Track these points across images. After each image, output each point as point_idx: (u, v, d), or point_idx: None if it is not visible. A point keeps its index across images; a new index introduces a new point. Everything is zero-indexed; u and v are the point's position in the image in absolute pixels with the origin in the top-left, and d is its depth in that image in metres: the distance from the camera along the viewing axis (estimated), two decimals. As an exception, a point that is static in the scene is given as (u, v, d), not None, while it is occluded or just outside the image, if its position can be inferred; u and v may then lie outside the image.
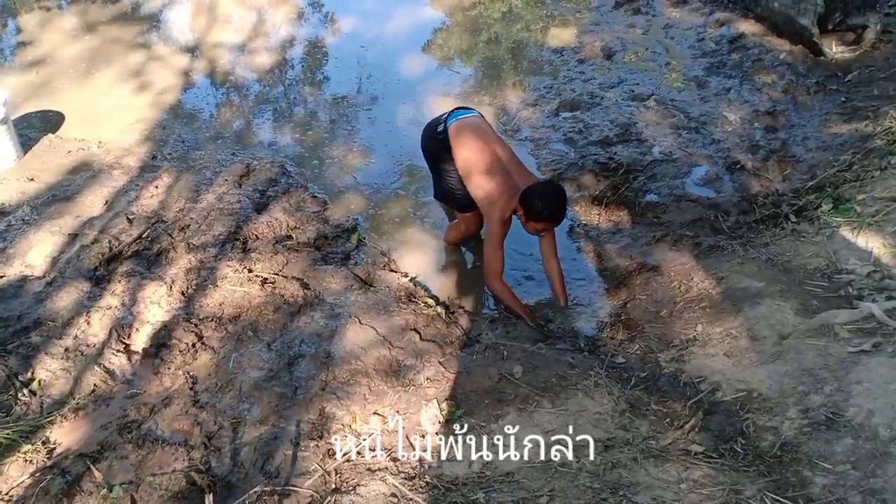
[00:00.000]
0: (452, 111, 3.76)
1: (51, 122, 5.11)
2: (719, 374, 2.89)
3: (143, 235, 3.87)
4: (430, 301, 3.53)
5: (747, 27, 5.78)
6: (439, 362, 3.05)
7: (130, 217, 4.03)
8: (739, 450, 2.46)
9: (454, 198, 3.82)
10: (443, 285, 3.80)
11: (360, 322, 3.29)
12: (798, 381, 2.73)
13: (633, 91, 5.24)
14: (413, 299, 3.51)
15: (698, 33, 5.91)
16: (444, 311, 3.45)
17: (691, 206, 4.05)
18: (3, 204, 4.17)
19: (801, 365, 2.79)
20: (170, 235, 3.89)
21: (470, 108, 3.86)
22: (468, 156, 3.57)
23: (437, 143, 3.72)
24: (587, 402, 2.76)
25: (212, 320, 3.29)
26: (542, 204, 3.33)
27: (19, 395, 2.86)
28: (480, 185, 3.53)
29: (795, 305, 3.09)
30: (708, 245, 3.71)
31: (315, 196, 4.43)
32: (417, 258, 3.98)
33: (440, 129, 3.70)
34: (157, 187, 4.37)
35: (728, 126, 4.76)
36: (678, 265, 3.62)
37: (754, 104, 4.93)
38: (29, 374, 2.95)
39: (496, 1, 6.87)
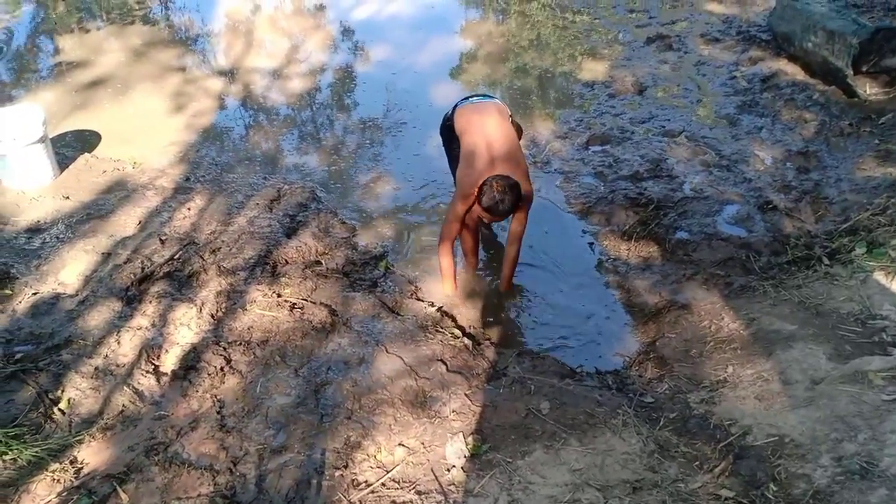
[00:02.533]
0: (467, 97, 3.94)
1: (87, 141, 5.21)
2: (750, 417, 2.85)
3: (175, 257, 3.92)
4: (457, 332, 3.53)
5: (780, 66, 5.78)
6: (465, 395, 3.04)
7: (163, 238, 4.08)
8: (771, 497, 2.42)
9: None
10: (469, 316, 3.79)
11: (386, 351, 3.29)
12: (831, 427, 2.68)
13: (663, 127, 5.24)
14: (440, 329, 3.51)
15: (730, 71, 5.90)
16: (470, 343, 3.44)
17: (722, 245, 4.02)
18: (38, 221, 4.24)
19: (834, 411, 2.75)
20: (201, 257, 3.92)
21: (488, 95, 4.04)
22: (463, 140, 3.70)
23: (444, 127, 3.97)
24: (615, 441, 2.73)
25: (240, 344, 3.31)
26: (485, 194, 3.41)
27: (49, 413, 2.88)
28: (461, 168, 3.65)
29: (828, 350, 3.05)
30: (739, 285, 3.67)
31: (344, 222, 4.46)
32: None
33: (448, 113, 3.94)
34: (189, 209, 4.42)
35: (760, 165, 4.73)
36: (708, 304, 3.59)
37: (786, 144, 4.91)
38: (59, 392, 2.97)
39: (526, 31, 6.92)
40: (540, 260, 4.18)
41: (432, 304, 3.74)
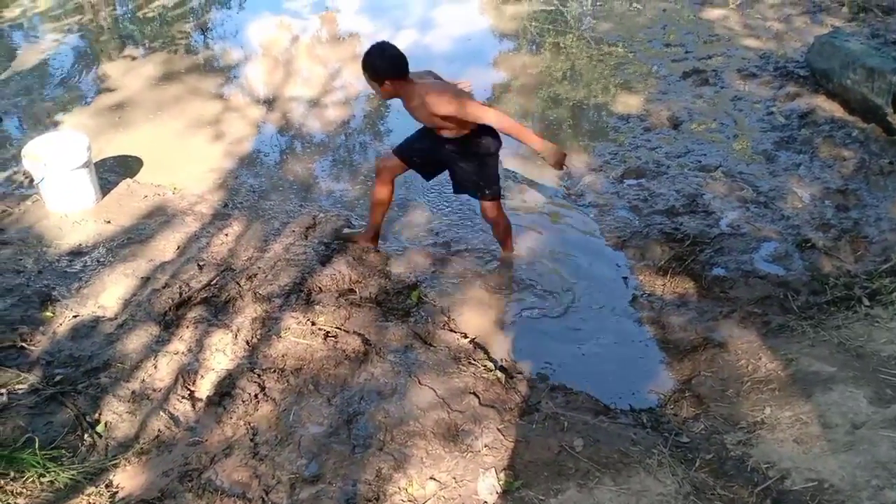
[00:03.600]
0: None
1: (130, 166, 5.32)
2: (788, 460, 2.80)
3: (212, 282, 3.97)
4: (490, 364, 3.52)
5: (818, 103, 5.74)
6: (498, 429, 3.02)
7: (201, 263, 4.14)
8: (810, 544, 2.37)
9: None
10: (502, 348, 3.78)
11: (419, 382, 3.29)
12: (872, 474, 2.63)
13: (699, 161, 5.22)
14: (472, 361, 3.50)
15: (767, 107, 5.88)
16: (503, 376, 3.43)
17: (760, 283, 3.98)
18: (80, 245, 4.32)
19: (875, 457, 2.69)
20: (237, 283, 3.97)
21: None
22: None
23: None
24: (650, 482, 2.70)
25: (274, 371, 3.33)
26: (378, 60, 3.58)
27: (85, 435, 2.92)
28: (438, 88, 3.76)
29: (869, 394, 3.00)
30: (777, 324, 3.63)
31: (378, 250, 4.48)
32: (477, 318, 3.97)
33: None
34: (227, 235, 4.49)
35: (798, 202, 4.69)
36: (745, 343, 3.55)
37: (825, 181, 4.86)
38: (96, 416, 3.02)
39: (561, 62, 6.96)
40: (573, 293, 4.16)
41: (465, 336, 3.74)
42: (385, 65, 3.62)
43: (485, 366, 3.47)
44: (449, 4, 8.74)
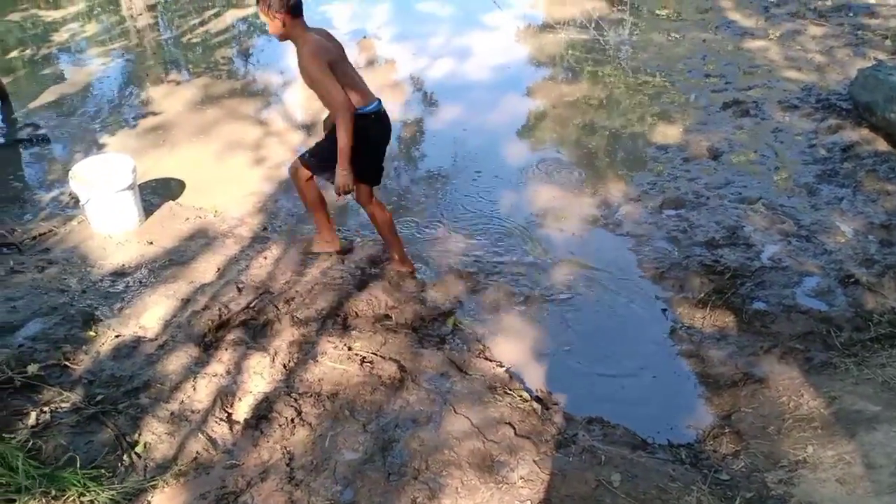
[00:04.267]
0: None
1: (172, 189, 5.42)
2: (831, 501, 2.74)
3: (251, 305, 4.01)
4: (525, 394, 3.49)
5: (861, 136, 5.67)
6: (534, 461, 3.00)
7: (240, 286, 4.18)
8: (856, 590, 2.31)
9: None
10: (538, 378, 3.75)
11: (454, 411, 3.28)
12: (919, 518, 2.56)
13: (740, 193, 5.18)
14: (508, 391, 3.48)
15: (809, 139, 5.82)
16: (539, 407, 3.40)
17: (802, 318, 3.91)
18: (123, 265, 4.40)
19: (923, 501, 2.62)
20: (275, 307, 4.00)
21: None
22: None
23: None
24: (690, 520, 2.65)
25: (310, 396, 3.35)
26: None
27: (125, 456, 2.95)
28: None
29: (916, 435, 2.92)
30: (819, 361, 3.56)
31: (415, 276, 4.50)
32: (513, 347, 3.96)
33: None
34: (265, 258, 4.54)
35: (840, 237, 4.61)
36: (787, 379, 3.48)
37: (868, 216, 4.78)
38: (136, 436, 3.04)
39: (597, 90, 6.97)
40: (611, 324, 4.14)
41: (501, 365, 3.73)
42: None
43: (521, 396, 3.45)
44: (486, 33, 8.82)
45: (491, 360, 3.75)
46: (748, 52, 7.61)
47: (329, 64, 3.78)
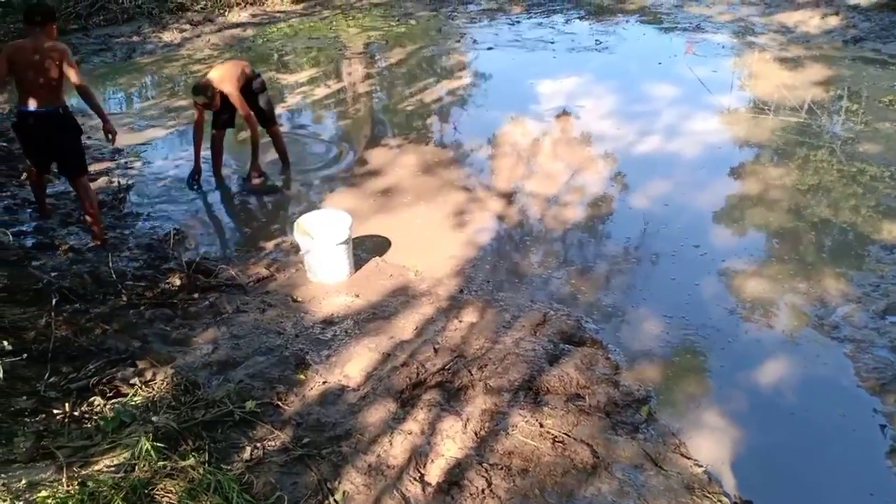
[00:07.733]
0: None
1: (379, 245, 5.73)
2: None
3: (446, 367, 4.10)
4: (726, 501, 3.28)
5: None
6: (734, 576, 2.79)
7: (436, 346, 4.30)
8: None
9: None
10: (739, 483, 3.51)
11: (649, 507, 3.14)
12: None
13: (980, 307, 4.65)
14: (707, 494, 3.29)
15: None
16: (740, 517, 3.18)
17: None
18: (332, 314, 4.68)
19: None
20: (469, 372, 4.07)
21: None
22: None
23: None
24: None
25: (501, 468, 3.34)
26: None
27: (326, 501, 3.08)
28: None
29: None
30: None
31: (608, 357, 4.41)
32: (711, 445, 3.74)
33: None
34: (461, 321, 4.64)
35: None
36: None
37: None
38: (336, 483, 3.18)
39: (809, 176, 6.60)
40: (821, 433, 3.82)
41: (698, 464, 3.53)
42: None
43: (720, 501, 3.25)
44: (698, 112, 8.68)
45: (689, 458, 3.57)
46: None
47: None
